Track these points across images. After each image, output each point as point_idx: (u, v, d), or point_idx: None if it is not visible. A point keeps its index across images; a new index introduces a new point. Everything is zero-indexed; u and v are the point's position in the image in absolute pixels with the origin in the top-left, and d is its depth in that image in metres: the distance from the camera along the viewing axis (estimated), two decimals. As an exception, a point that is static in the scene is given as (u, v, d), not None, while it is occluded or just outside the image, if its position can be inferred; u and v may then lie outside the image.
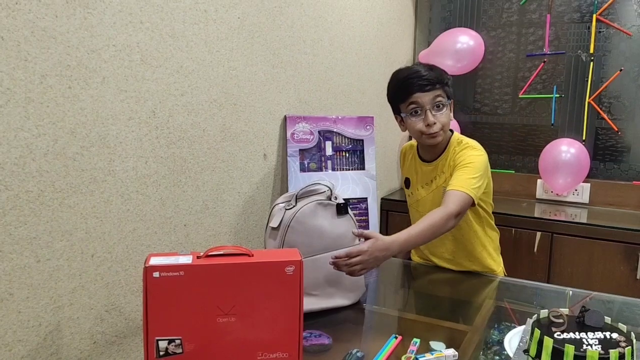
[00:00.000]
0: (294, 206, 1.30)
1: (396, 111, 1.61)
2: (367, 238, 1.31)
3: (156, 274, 0.98)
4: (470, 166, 1.51)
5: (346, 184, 1.72)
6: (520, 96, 2.57)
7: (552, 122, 2.51)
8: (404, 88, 1.54)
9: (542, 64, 2.51)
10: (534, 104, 2.56)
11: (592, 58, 2.40)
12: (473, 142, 1.60)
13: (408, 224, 1.93)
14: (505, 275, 1.73)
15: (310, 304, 1.29)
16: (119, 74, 1.10)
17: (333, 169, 1.72)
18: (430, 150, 1.64)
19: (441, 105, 1.54)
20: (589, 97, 2.42)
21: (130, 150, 1.14)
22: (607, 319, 1.06)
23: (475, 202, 1.49)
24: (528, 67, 2.55)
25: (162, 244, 1.25)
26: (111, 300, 1.13)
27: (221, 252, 1.04)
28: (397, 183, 2.75)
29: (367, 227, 1.73)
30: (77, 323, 1.06)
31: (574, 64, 2.45)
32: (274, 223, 1.30)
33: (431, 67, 1.57)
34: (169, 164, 1.25)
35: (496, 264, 1.71)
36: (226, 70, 1.41)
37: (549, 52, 2.49)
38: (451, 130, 1.67)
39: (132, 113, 1.14)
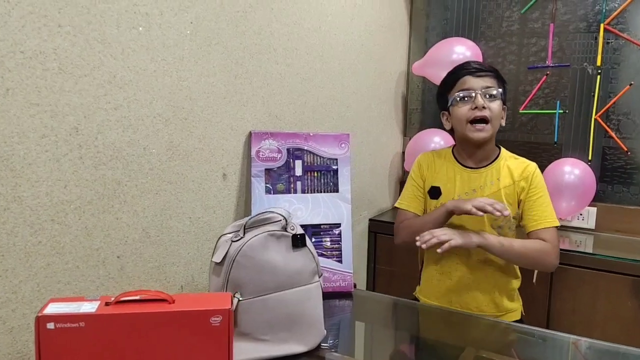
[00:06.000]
0: (241, 237, 1.13)
1: (443, 105, 1.54)
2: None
3: (50, 325, 0.82)
4: (546, 192, 1.51)
5: (317, 207, 1.54)
6: (520, 111, 2.38)
7: (555, 140, 2.32)
8: (455, 73, 1.51)
9: (545, 77, 2.32)
10: (535, 120, 2.37)
11: (600, 71, 2.21)
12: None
13: (397, 246, 1.74)
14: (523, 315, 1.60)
15: (260, 351, 1.11)
16: (28, 85, 0.94)
17: (303, 191, 1.55)
18: (476, 154, 1.52)
19: (493, 96, 1.45)
20: (596, 114, 2.22)
21: (42, 173, 0.98)
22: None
23: None
24: (529, 81, 2.36)
25: (86, 279, 1.09)
26: (17, 348, 0.97)
27: (136, 298, 0.88)
28: (388, 203, 2.57)
29: (339, 256, 1.55)
30: (-29, 376, 0.91)
31: (579, 77, 2.26)
32: (217, 257, 1.13)
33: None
34: (97, 187, 1.09)
35: (516, 303, 1.61)
36: (174, 81, 1.26)
37: (552, 65, 2.30)
38: (498, 146, 1.56)
39: (46, 130, 0.98)
